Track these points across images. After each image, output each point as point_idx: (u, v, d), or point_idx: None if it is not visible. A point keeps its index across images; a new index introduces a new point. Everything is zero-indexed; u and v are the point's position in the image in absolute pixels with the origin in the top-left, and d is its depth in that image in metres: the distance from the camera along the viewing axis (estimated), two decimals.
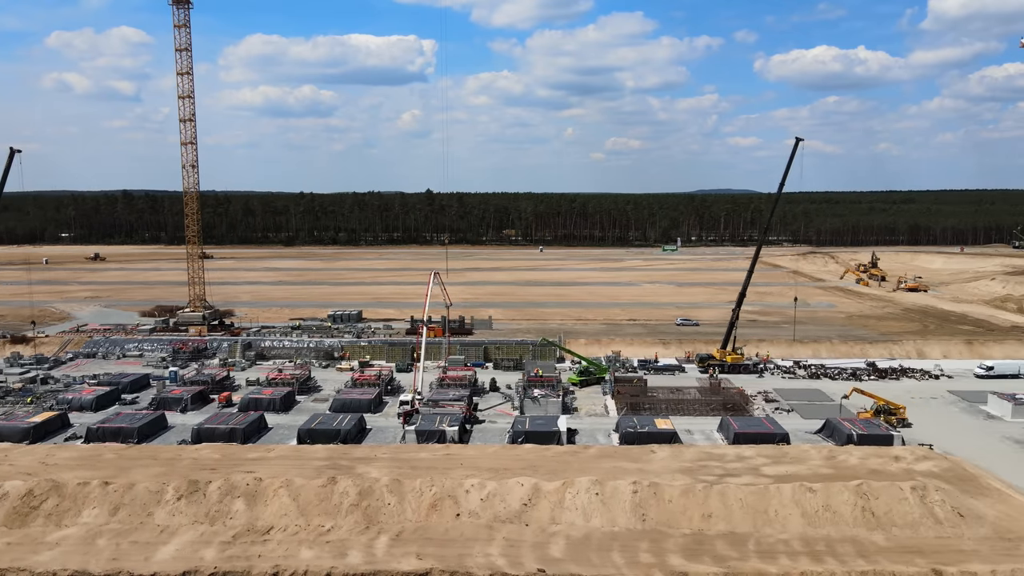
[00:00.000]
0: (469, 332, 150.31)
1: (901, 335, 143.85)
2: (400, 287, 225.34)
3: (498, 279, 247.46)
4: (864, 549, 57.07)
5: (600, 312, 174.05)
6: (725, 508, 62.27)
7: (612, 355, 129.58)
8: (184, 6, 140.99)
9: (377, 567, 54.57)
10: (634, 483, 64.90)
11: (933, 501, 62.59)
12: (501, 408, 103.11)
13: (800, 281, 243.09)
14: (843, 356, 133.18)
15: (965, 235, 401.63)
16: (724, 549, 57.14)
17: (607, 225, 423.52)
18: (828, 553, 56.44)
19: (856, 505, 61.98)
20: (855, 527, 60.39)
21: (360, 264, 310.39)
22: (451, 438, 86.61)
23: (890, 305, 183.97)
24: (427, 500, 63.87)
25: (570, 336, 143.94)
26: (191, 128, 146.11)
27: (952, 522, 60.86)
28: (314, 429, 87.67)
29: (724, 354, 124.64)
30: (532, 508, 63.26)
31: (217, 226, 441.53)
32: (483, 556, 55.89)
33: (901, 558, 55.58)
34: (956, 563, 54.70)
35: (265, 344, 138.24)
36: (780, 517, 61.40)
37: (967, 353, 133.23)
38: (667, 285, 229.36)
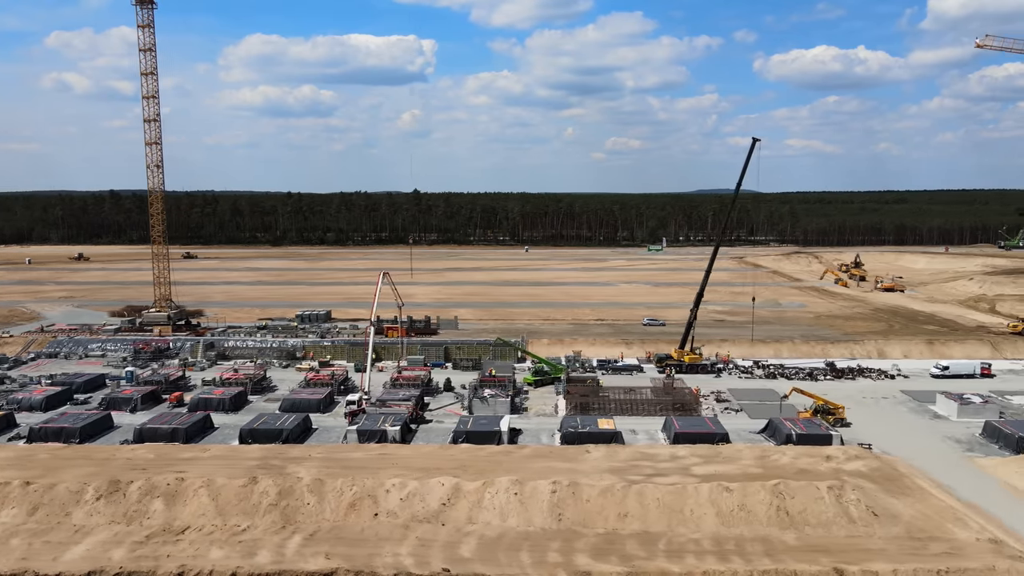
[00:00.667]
0: (434, 332, 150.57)
1: (864, 335, 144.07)
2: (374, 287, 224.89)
3: (477, 279, 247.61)
4: (773, 548, 57.28)
5: (569, 312, 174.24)
6: (642, 508, 62.46)
7: (572, 355, 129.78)
8: (148, 6, 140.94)
9: (284, 567, 54.74)
10: (553, 483, 65.11)
11: (848, 500, 62.81)
12: (451, 408, 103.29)
13: (777, 281, 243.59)
14: (804, 356, 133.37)
15: (951, 235, 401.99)
16: (634, 548, 57.33)
17: (595, 225, 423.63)
18: (736, 552, 56.63)
19: (771, 505, 62.19)
20: (768, 526, 60.59)
21: (343, 264, 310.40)
22: (392, 438, 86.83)
23: (861, 305, 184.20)
24: (347, 500, 64.04)
25: (535, 336, 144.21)
26: (156, 128, 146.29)
27: (865, 521, 61.07)
28: (256, 429, 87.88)
29: (682, 354, 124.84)
30: (450, 508, 63.44)
31: (205, 226, 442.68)
32: (392, 556, 56.07)
33: (807, 557, 55.78)
34: (860, 562, 54.89)
35: (228, 344, 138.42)
36: (695, 517, 61.60)
37: (927, 353, 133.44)
38: (643, 285, 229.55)
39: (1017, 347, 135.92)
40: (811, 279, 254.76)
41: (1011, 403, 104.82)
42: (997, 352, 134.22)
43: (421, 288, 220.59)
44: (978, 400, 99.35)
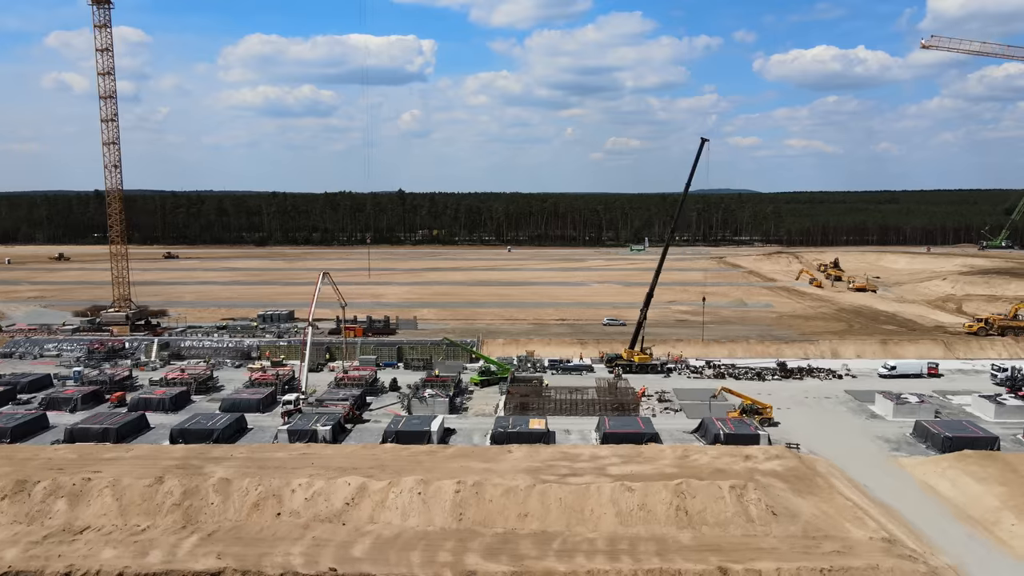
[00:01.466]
0: (393, 332, 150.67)
1: (821, 335, 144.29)
2: (350, 287, 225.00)
3: (453, 279, 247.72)
4: (665, 547, 57.47)
5: (533, 312, 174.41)
6: (543, 508, 62.66)
7: (524, 355, 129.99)
8: (104, 6, 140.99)
9: (173, 566, 54.91)
10: (458, 483, 65.31)
11: (749, 500, 63.00)
12: (391, 408, 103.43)
13: (751, 281, 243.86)
14: (758, 356, 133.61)
15: (935, 235, 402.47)
16: (527, 548, 57.51)
17: (580, 225, 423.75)
18: (627, 552, 56.81)
19: (671, 504, 62.38)
20: (666, 526, 60.80)
21: (323, 264, 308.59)
22: (323, 438, 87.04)
23: (826, 305, 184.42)
24: (251, 500, 64.21)
25: (492, 336, 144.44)
26: (114, 128, 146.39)
27: (763, 520, 61.28)
28: (187, 429, 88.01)
29: (632, 354, 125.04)
30: (354, 508, 63.62)
31: (191, 226, 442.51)
32: (283, 556, 56.23)
33: (697, 556, 55.98)
34: (747, 560, 55.08)
35: (185, 344, 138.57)
36: (595, 516, 61.79)
37: (881, 353, 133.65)
38: (615, 285, 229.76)
39: (970, 347, 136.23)
40: (786, 279, 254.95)
41: (950, 403, 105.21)
42: (950, 352, 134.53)
43: (392, 288, 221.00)
44: (914, 400, 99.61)
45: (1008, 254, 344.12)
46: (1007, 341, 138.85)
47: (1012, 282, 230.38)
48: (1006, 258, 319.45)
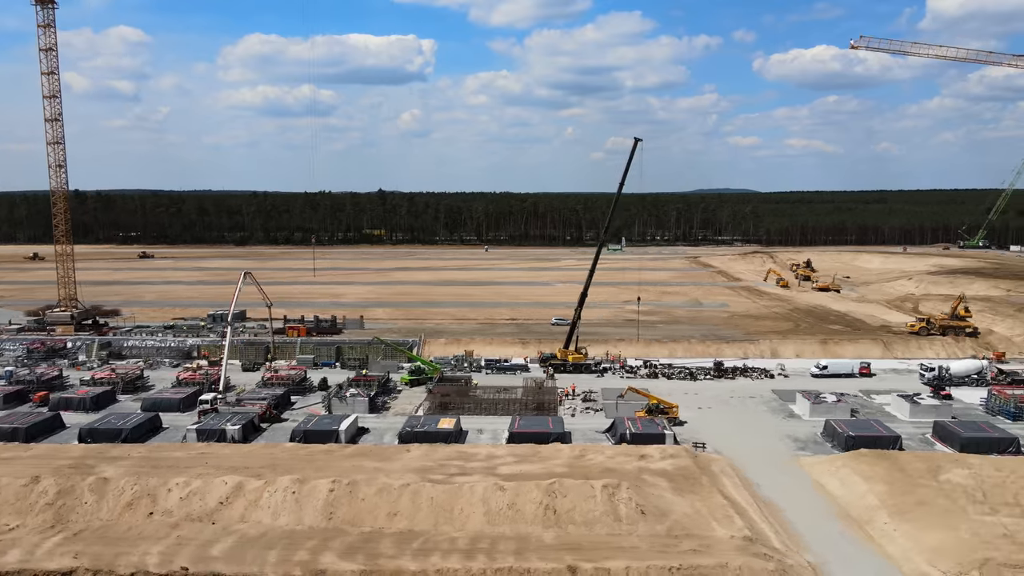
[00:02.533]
0: (339, 331, 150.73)
1: (765, 334, 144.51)
2: (313, 286, 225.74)
3: (419, 279, 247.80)
4: (525, 547, 57.64)
5: (486, 312, 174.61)
6: (413, 507, 62.85)
7: (463, 355, 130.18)
8: (48, 6, 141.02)
9: (28, 566, 55.06)
10: (333, 482, 65.51)
11: (620, 499, 63.21)
12: (312, 407, 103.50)
13: (717, 281, 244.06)
14: (698, 355, 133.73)
15: (913, 235, 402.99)
16: (387, 547, 57.68)
17: (559, 225, 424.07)
18: (486, 551, 56.97)
19: (541, 503, 62.58)
20: (532, 525, 60.99)
21: (295, 264, 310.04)
22: (232, 437, 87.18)
23: (781, 305, 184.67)
24: (125, 499, 64.39)
25: (437, 335, 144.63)
26: (58, 128, 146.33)
27: (631, 520, 61.48)
28: (95, 428, 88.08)
29: (566, 354, 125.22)
30: (227, 507, 63.79)
31: (173, 226, 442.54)
32: (140, 555, 56.37)
33: (553, 555, 56.15)
34: (601, 559, 55.26)
35: (128, 344, 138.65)
36: (464, 515, 61.98)
37: (820, 353, 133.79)
38: (579, 285, 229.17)
39: (908, 347, 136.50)
40: (756, 279, 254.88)
41: (872, 402, 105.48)
42: (888, 352, 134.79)
43: (355, 288, 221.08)
44: (831, 399, 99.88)
45: (984, 254, 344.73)
46: (946, 340, 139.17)
47: (976, 281, 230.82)
48: (979, 258, 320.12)
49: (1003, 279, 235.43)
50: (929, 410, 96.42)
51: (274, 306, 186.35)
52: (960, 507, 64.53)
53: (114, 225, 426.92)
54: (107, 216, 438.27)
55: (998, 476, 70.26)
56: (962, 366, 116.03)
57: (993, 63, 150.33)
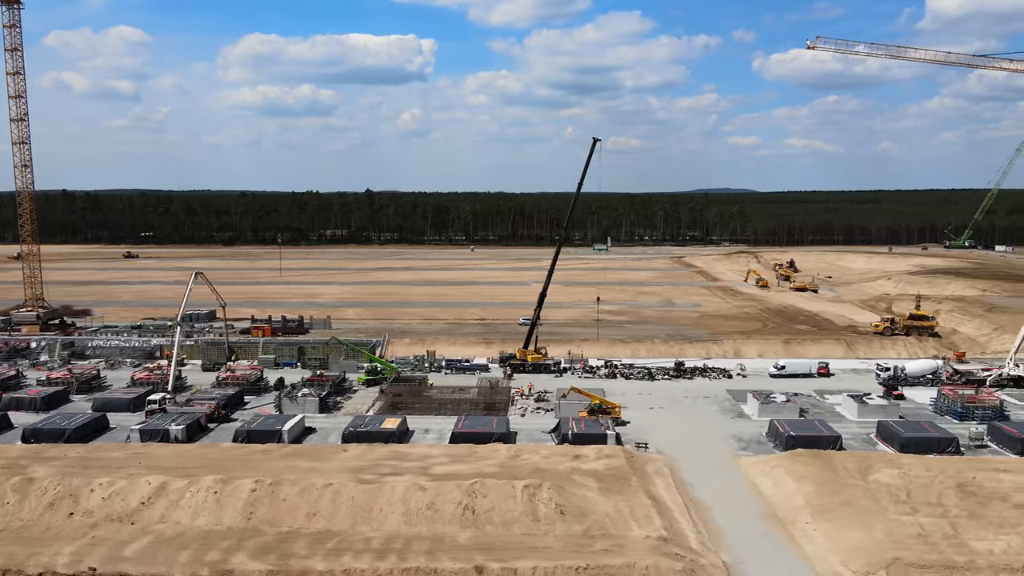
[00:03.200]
0: (305, 331, 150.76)
1: (730, 334, 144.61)
2: (290, 286, 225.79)
3: (399, 279, 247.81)
4: (438, 547, 57.67)
5: (456, 312, 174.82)
6: (333, 507, 62.90)
7: (424, 355, 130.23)
8: (14, 6, 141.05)
9: None
10: (256, 482, 65.58)
11: (540, 499, 63.27)
12: (264, 407, 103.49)
13: (696, 281, 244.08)
14: (661, 356, 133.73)
15: (900, 235, 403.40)
16: (301, 548, 57.70)
17: (546, 225, 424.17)
18: (398, 551, 57.00)
19: (460, 504, 62.63)
20: (450, 525, 61.03)
21: (276, 264, 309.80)
22: (175, 437, 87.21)
23: (754, 305, 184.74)
24: (47, 499, 64.42)
25: (402, 335, 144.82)
26: (24, 128, 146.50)
27: (549, 520, 61.54)
28: (39, 429, 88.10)
29: (525, 354, 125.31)
30: (148, 507, 63.83)
31: (161, 225, 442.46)
32: (51, 555, 56.38)
33: (464, 555, 56.16)
34: (511, 560, 55.29)
35: (92, 344, 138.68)
36: (382, 515, 62.04)
37: (782, 353, 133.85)
38: (556, 284, 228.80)
39: (871, 347, 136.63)
40: (736, 279, 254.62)
41: (824, 402, 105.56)
42: (851, 352, 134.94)
43: (332, 288, 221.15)
44: (781, 399, 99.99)
45: (969, 254, 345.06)
46: (909, 341, 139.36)
47: (954, 282, 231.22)
48: (963, 258, 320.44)
49: (981, 279, 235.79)
50: (877, 410, 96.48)
51: (250, 307, 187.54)
52: (882, 507, 64.60)
53: (102, 225, 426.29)
54: (95, 216, 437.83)
55: (927, 476, 70.33)
56: (917, 366, 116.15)
57: (952, 63, 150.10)
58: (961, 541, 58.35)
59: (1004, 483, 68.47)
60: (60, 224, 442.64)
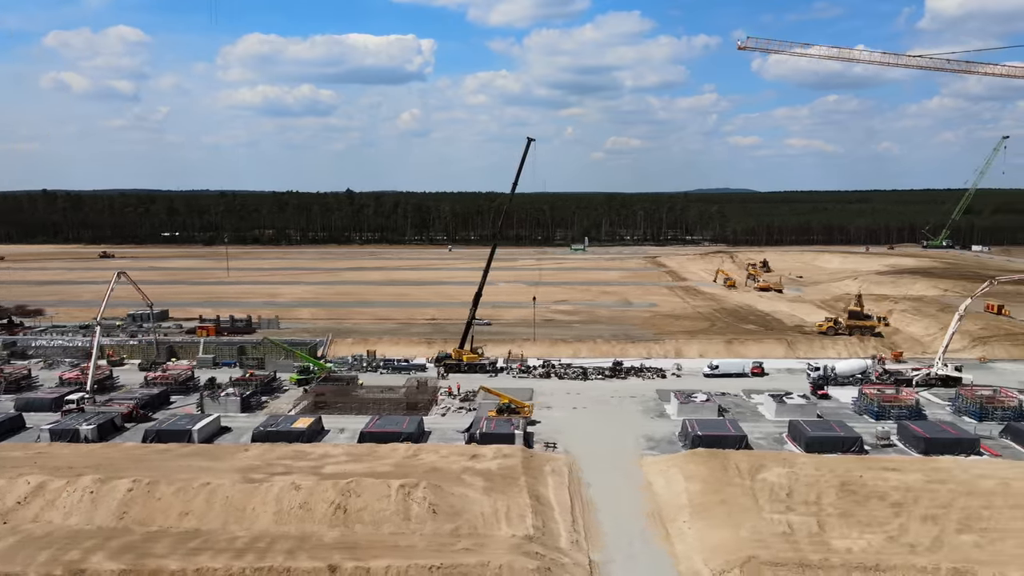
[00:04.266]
0: (252, 331, 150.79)
1: (675, 334, 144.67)
2: (253, 286, 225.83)
3: (366, 279, 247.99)
4: (301, 546, 57.80)
5: (410, 311, 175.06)
6: (206, 506, 63.04)
7: (362, 354, 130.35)
8: None
9: None
10: (133, 482, 65.69)
11: (415, 499, 63.39)
12: (187, 408, 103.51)
13: (662, 281, 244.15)
14: (603, 355, 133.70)
15: (878, 235, 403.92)
16: (163, 547, 57.80)
17: (526, 225, 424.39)
18: (261, 550, 57.12)
19: (332, 503, 62.75)
20: (319, 524, 61.17)
21: (253, 264, 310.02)
22: (85, 436, 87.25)
23: (710, 305, 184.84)
24: None
25: (347, 335, 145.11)
26: None
27: (420, 519, 61.69)
28: None
29: (461, 353, 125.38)
30: (24, 506, 63.95)
31: (142, 226, 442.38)
32: None
33: (323, 554, 56.28)
34: (369, 559, 55.41)
35: (36, 344, 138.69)
36: (254, 515, 62.18)
37: (724, 352, 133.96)
38: (522, 284, 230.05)
39: (812, 346, 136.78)
40: (707, 278, 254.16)
41: (747, 401, 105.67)
42: (791, 351, 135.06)
43: (295, 288, 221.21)
44: (701, 398, 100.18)
45: (944, 254, 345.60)
46: (849, 340, 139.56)
47: (919, 281, 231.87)
48: (938, 258, 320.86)
49: (947, 279, 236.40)
50: (794, 409, 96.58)
51: (208, 306, 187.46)
52: (758, 506, 64.76)
53: (83, 225, 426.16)
54: (77, 216, 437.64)
55: (814, 475, 70.46)
56: (846, 366, 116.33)
57: (890, 64, 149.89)
58: (823, 539, 58.51)
59: (888, 482, 68.61)
60: (42, 224, 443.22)
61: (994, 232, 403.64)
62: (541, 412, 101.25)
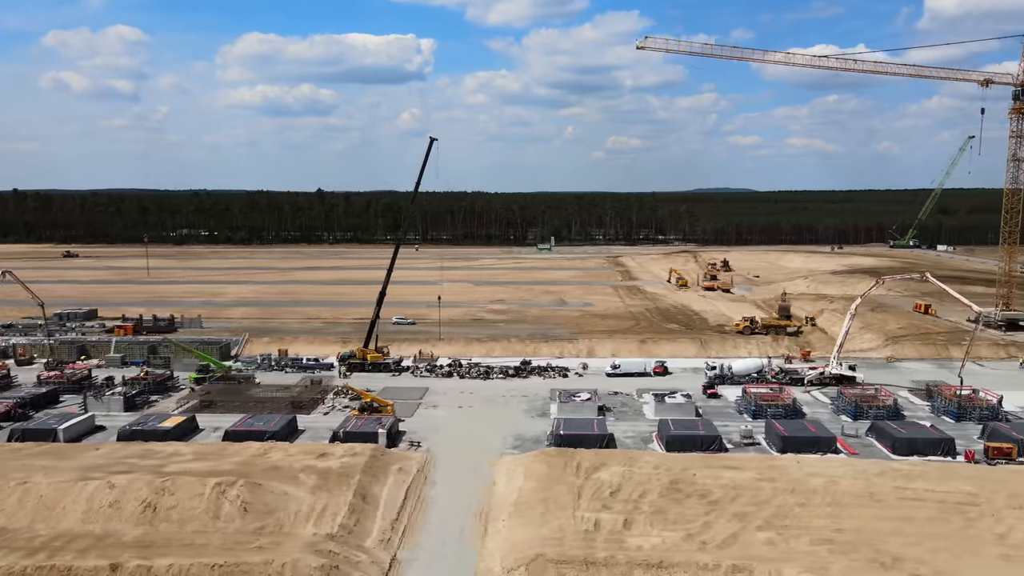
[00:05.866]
0: (174, 330, 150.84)
1: (593, 333, 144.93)
2: (198, 285, 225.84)
3: (316, 278, 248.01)
4: (97, 544, 57.82)
5: (338, 311, 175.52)
6: (18, 504, 63.15)
7: (269, 353, 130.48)
8: None
9: None
10: None
11: (228, 497, 63.46)
12: (71, 407, 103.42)
13: (610, 280, 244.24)
14: (515, 354, 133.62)
15: (847, 234, 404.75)
16: None
17: (495, 224, 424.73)
18: (56, 548, 57.06)
19: (143, 502, 62.84)
20: (126, 523, 61.21)
21: (212, 264, 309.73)
22: None
23: (644, 305, 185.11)
24: None
25: (265, 334, 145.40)
26: None
27: (230, 517, 61.78)
28: None
29: (365, 352, 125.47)
30: None
31: (112, 225, 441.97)
32: None
33: (113, 553, 56.23)
34: (156, 557, 55.43)
35: None
36: (63, 513, 62.27)
37: (636, 352, 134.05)
38: (467, 284, 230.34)
39: (724, 346, 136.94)
40: (662, 278, 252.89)
41: (635, 401, 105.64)
42: (703, 350, 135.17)
43: (242, 288, 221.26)
44: (584, 396, 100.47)
45: (908, 253, 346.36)
46: (761, 340, 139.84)
47: (866, 281, 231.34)
48: (899, 257, 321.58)
49: None
50: (672, 408, 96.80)
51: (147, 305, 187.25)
52: (576, 503, 64.88)
53: (50, 225, 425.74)
54: (47, 216, 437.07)
55: (650, 474, 70.61)
56: (742, 365, 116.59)
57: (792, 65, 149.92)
58: (621, 537, 58.64)
59: (719, 480, 68.77)
60: (12, 223, 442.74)
61: (964, 232, 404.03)
62: (426, 411, 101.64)
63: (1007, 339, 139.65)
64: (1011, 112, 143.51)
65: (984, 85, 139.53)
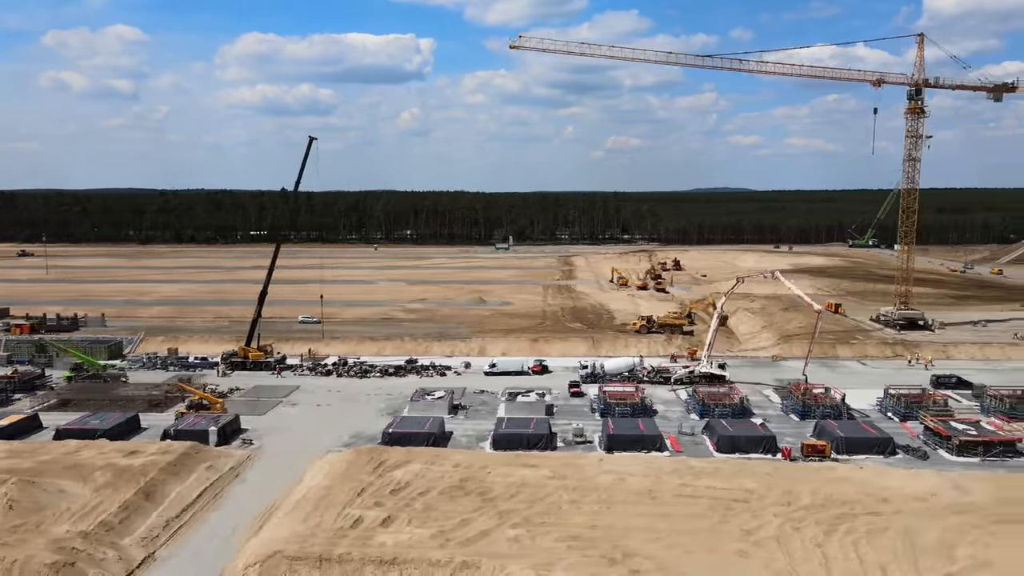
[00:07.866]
0: (75, 329, 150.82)
1: (488, 332, 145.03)
2: (128, 284, 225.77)
3: (256, 277, 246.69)
4: None
5: (247, 310, 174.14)
6: None
7: (157, 352, 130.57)
8: None
9: None
10: None
11: None
12: None
13: (552, 280, 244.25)
14: (405, 353, 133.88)
15: (809, 234, 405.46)
16: None
17: (457, 224, 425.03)
18: None
19: None
20: None
21: (163, 263, 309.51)
22: None
23: (562, 304, 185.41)
24: None
25: (160, 332, 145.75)
26: None
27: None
28: None
29: (246, 351, 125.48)
30: None
31: (78, 224, 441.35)
32: None
33: None
34: None
35: None
36: None
37: (527, 350, 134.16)
38: (401, 283, 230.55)
39: (615, 345, 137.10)
40: (605, 278, 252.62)
41: (496, 400, 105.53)
42: (594, 349, 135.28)
43: (170, 287, 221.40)
44: (438, 394, 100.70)
45: (862, 253, 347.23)
46: (655, 339, 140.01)
47: (803, 280, 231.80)
48: (851, 257, 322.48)
49: (837, 278, 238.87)
50: (522, 407, 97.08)
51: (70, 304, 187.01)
52: (350, 501, 64.86)
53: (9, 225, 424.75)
54: (11, 215, 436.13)
55: (445, 471, 70.76)
56: (614, 364, 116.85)
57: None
58: (371, 535, 58.56)
59: (509, 478, 68.93)
60: None
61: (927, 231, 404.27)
62: (283, 409, 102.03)
63: (898, 338, 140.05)
64: (907, 112, 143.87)
65: (876, 85, 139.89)
